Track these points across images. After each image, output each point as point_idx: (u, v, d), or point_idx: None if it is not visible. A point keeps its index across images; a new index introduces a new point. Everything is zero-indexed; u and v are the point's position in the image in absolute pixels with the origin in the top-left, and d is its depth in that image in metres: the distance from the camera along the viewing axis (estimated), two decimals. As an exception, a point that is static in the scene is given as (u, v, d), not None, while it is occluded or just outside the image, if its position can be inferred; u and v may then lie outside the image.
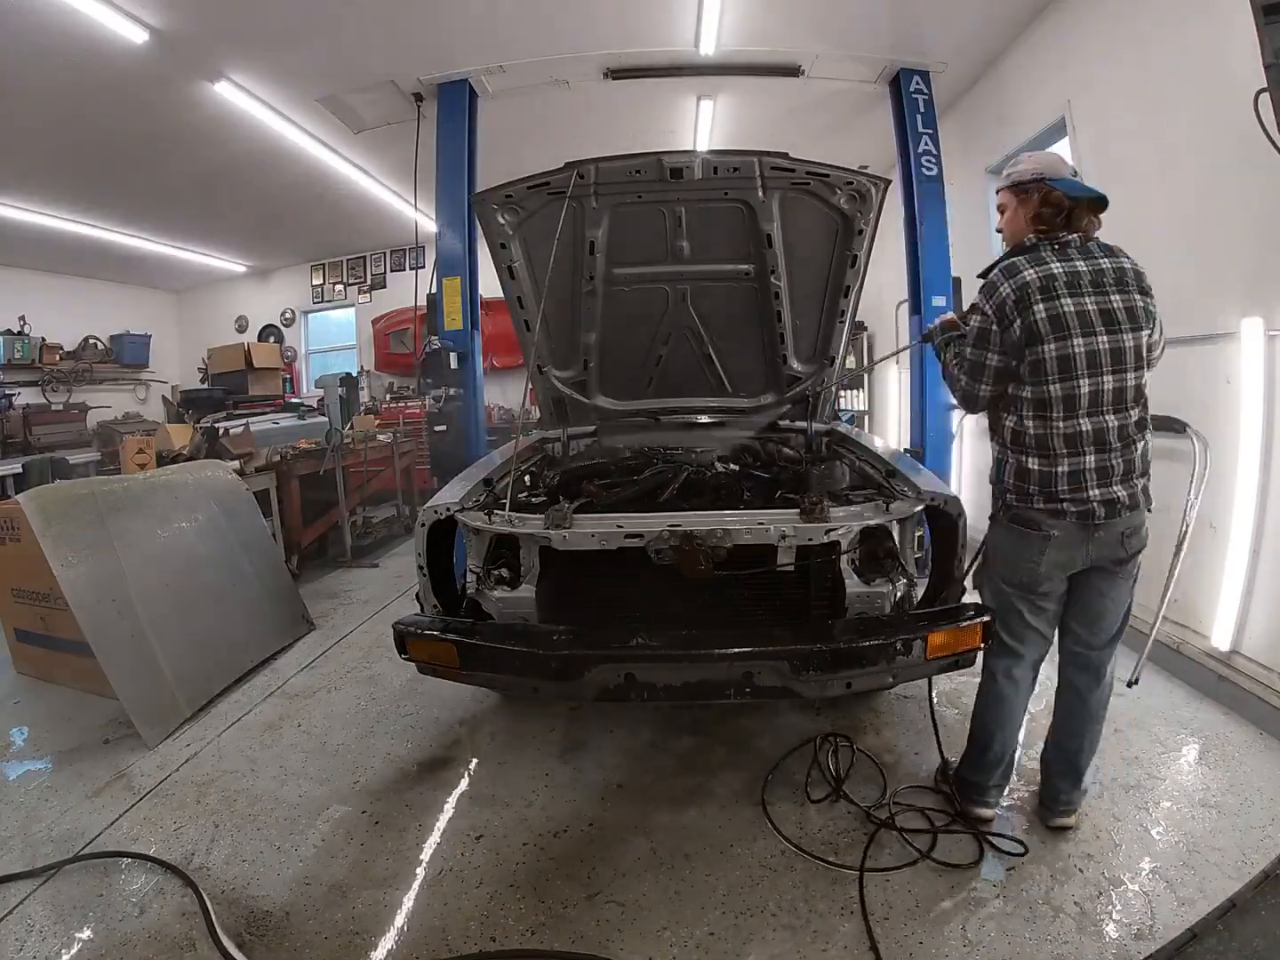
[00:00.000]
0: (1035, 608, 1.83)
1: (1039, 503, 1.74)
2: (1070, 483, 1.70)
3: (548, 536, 2.02)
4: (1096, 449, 1.69)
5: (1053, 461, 1.71)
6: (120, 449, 4.44)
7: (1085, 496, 1.69)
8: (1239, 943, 1.00)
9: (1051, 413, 1.70)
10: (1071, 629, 1.88)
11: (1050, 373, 1.67)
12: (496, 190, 2.62)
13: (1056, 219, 1.73)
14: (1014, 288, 1.68)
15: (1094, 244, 1.74)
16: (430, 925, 1.68)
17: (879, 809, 2.03)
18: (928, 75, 4.36)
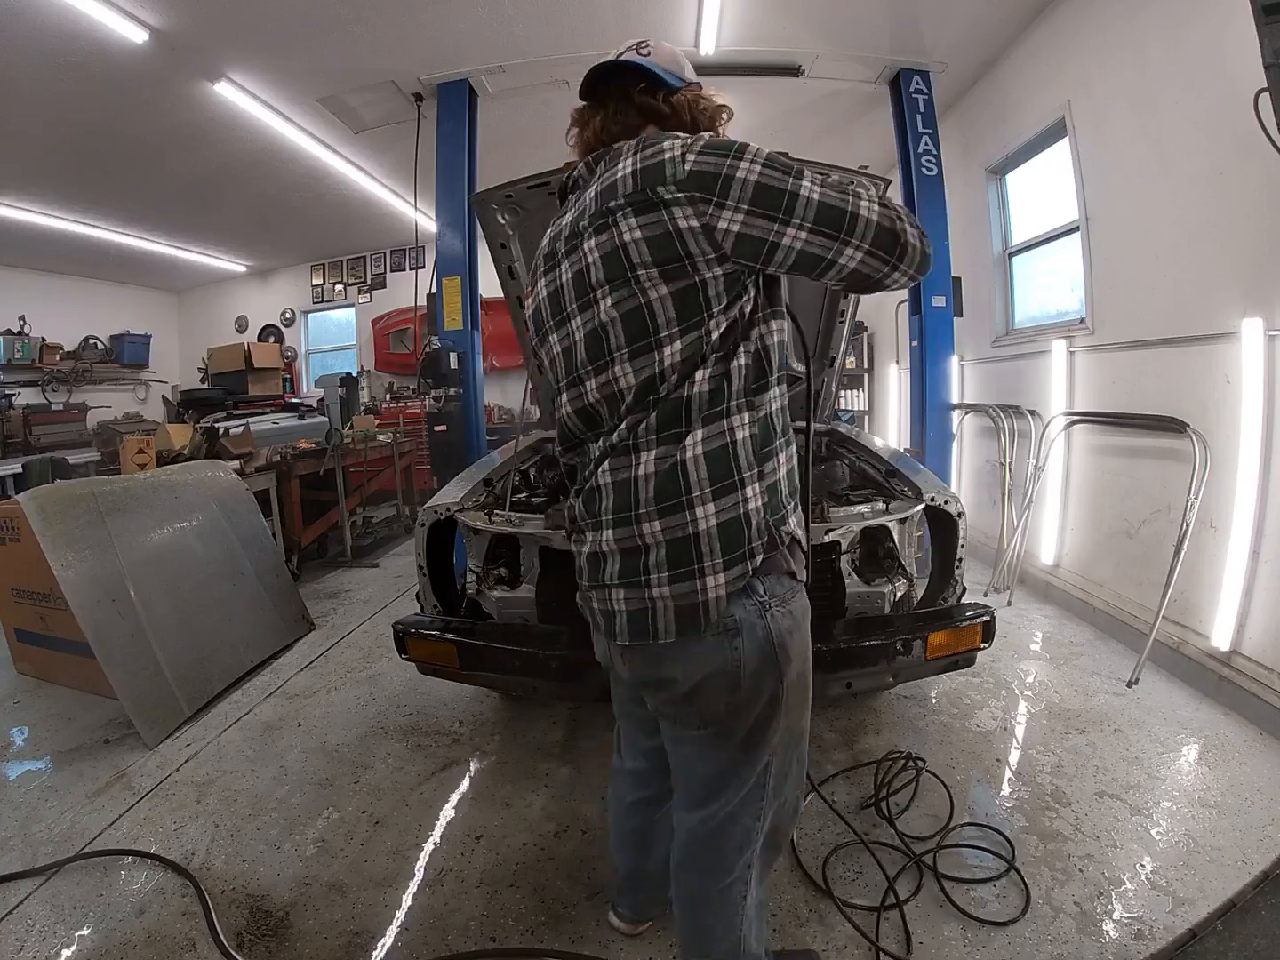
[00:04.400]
0: (618, 695, 1.36)
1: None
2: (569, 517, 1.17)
3: (548, 536, 2.02)
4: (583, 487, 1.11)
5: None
6: (120, 449, 4.44)
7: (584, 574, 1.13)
8: (1239, 943, 1.00)
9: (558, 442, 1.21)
10: None
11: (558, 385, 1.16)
12: (496, 190, 2.62)
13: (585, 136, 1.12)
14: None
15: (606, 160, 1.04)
16: (430, 925, 1.68)
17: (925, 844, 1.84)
18: (928, 75, 4.36)
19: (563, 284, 1.07)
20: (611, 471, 1.03)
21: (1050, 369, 3.69)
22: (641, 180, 0.95)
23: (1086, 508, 3.49)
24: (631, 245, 0.95)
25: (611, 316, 0.99)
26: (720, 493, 0.97)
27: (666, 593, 0.98)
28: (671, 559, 0.98)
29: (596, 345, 1.02)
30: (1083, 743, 2.32)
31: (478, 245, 4.14)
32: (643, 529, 0.99)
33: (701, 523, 0.97)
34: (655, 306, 0.96)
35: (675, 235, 0.93)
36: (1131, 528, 3.14)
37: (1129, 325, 3.14)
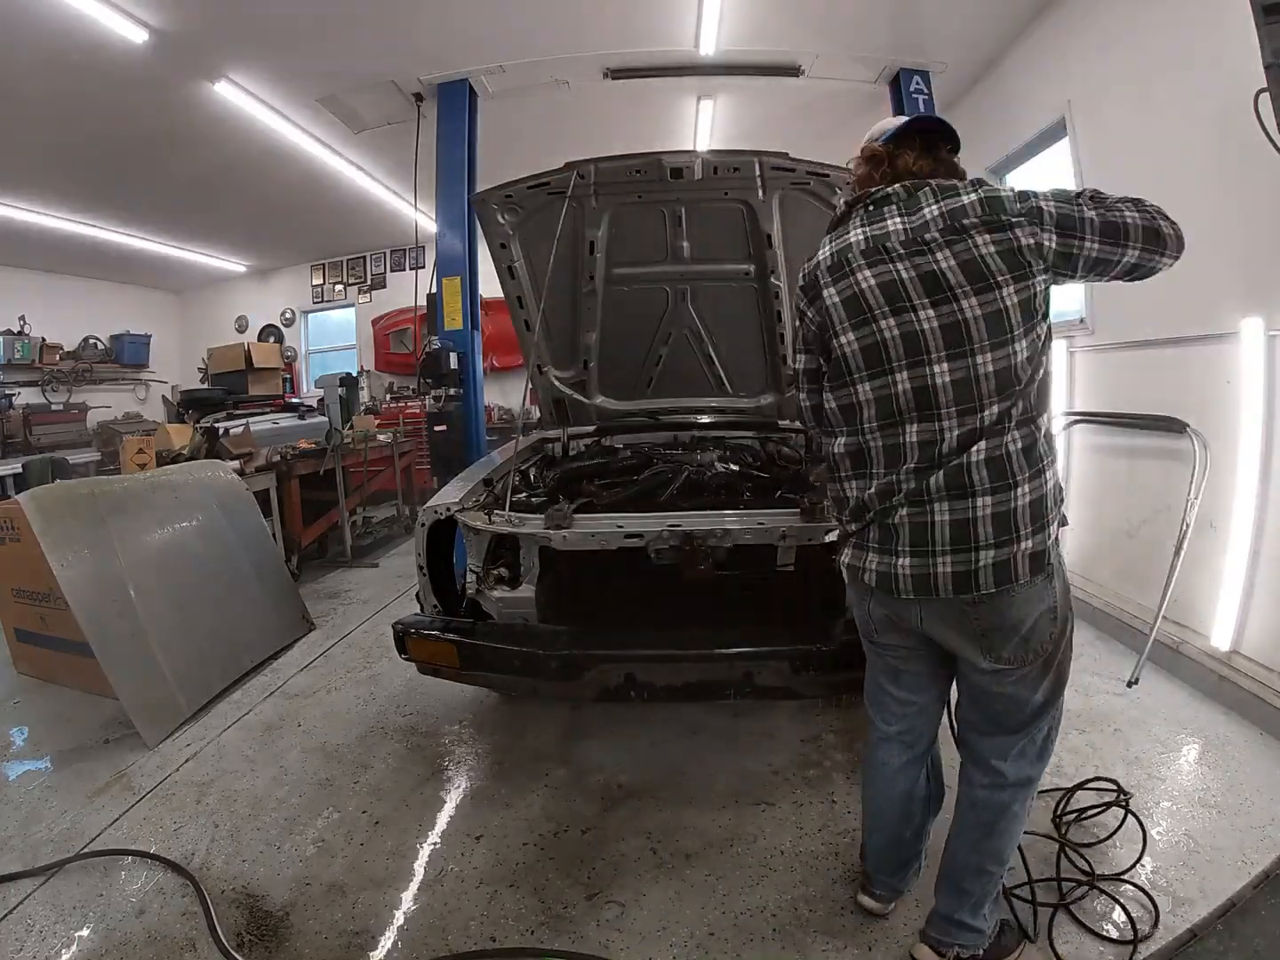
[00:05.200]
0: (891, 671, 1.48)
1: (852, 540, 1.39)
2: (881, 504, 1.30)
3: (548, 536, 2.02)
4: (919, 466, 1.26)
5: (868, 483, 1.34)
6: (120, 449, 4.44)
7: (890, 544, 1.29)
8: (1239, 943, 1.00)
9: (863, 422, 1.34)
10: (958, 707, 1.47)
11: (857, 369, 1.32)
12: (496, 190, 2.62)
13: (878, 173, 1.38)
14: (805, 272, 1.42)
15: (928, 189, 1.28)
16: (430, 925, 1.68)
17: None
18: (928, 75, 4.36)
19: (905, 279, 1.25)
20: (987, 449, 1.21)
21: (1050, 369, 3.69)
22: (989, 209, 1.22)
23: (1087, 508, 3.49)
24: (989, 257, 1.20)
25: (975, 314, 1.20)
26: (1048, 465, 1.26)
27: (1028, 545, 1.21)
28: (1032, 516, 1.22)
29: (955, 335, 1.22)
30: (1082, 743, 2.32)
31: (478, 245, 4.14)
32: (1015, 493, 1.21)
33: (1044, 487, 1.23)
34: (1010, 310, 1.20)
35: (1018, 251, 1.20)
36: (1131, 528, 3.14)
37: (1129, 325, 3.14)
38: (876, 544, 1.32)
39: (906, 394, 1.27)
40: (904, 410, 1.28)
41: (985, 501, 1.21)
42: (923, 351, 1.24)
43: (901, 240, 1.27)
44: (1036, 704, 1.33)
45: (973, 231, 1.21)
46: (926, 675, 1.47)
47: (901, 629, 1.39)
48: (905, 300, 1.26)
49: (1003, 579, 1.21)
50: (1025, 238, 1.20)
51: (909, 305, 1.25)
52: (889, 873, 1.61)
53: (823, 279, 1.37)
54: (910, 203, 1.30)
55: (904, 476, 1.27)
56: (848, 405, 1.36)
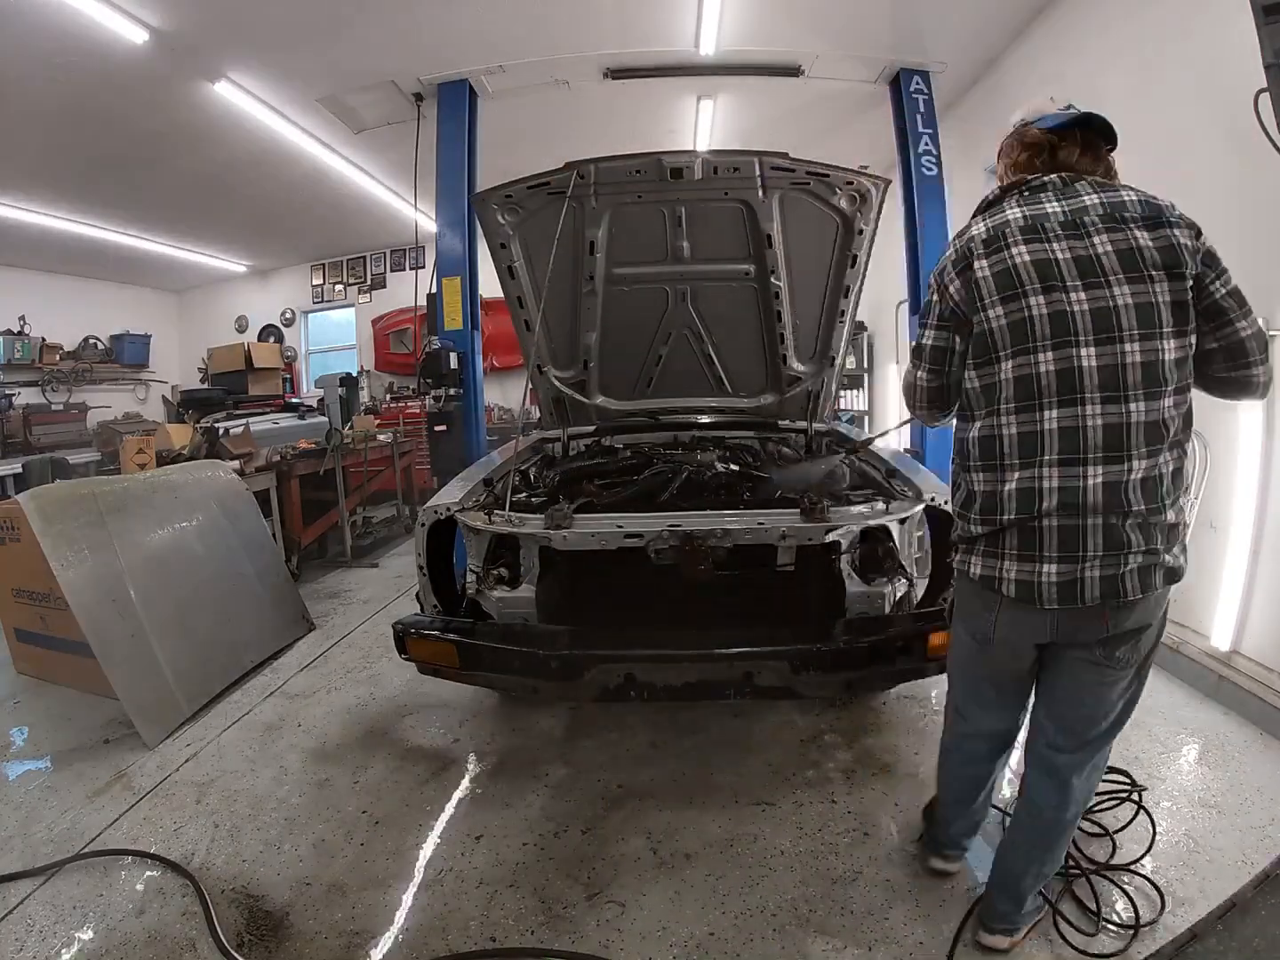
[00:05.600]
0: (992, 674, 1.48)
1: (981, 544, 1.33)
2: (1019, 506, 1.25)
3: (548, 536, 2.02)
4: (1062, 458, 1.21)
5: (1000, 478, 1.28)
6: (120, 449, 4.44)
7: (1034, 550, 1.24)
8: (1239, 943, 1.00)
9: (1002, 404, 1.27)
10: (1037, 718, 1.46)
11: (1001, 346, 1.26)
12: (496, 190, 2.62)
13: (1037, 161, 1.37)
14: (957, 247, 1.37)
15: (1086, 182, 1.30)
16: (430, 925, 1.68)
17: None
18: (928, 75, 4.37)
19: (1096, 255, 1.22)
20: (1149, 454, 1.19)
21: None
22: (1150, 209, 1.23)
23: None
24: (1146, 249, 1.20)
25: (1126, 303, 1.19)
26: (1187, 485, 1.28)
27: (1170, 558, 1.23)
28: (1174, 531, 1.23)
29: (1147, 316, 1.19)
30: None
31: (478, 245, 4.14)
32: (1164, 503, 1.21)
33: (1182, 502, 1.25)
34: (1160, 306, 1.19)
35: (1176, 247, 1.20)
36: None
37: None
38: (1015, 550, 1.27)
39: (1049, 374, 1.22)
40: (1044, 392, 1.23)
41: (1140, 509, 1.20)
42: (1070, 333, 1.21)
43: (1060, 221, 1.26)
44: (1118, 709, 1.37)
45: (1132, 225, 1.22)
46: (1025, 683, 1.46)
47: (1023, 639, 1.36)
48: (1056, 279, 1.23)
49: (1147, 585, 1.22)
50: (1183, 238, 1.20)
51: (1060, 284, 1.23)
52: (964, 834, 1.71)
53: (976, 251, 1.31)
54: (1067, 190, 1.30)
55: (1045, 470, 1.23)
56: (990, 385, 1.30)
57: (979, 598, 1.38)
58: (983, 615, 1.38)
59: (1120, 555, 1.20)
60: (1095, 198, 1.26)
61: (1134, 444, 1.19)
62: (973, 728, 1.58)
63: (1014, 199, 1.35)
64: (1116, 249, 1.21)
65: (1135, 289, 1.19)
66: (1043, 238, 1.26)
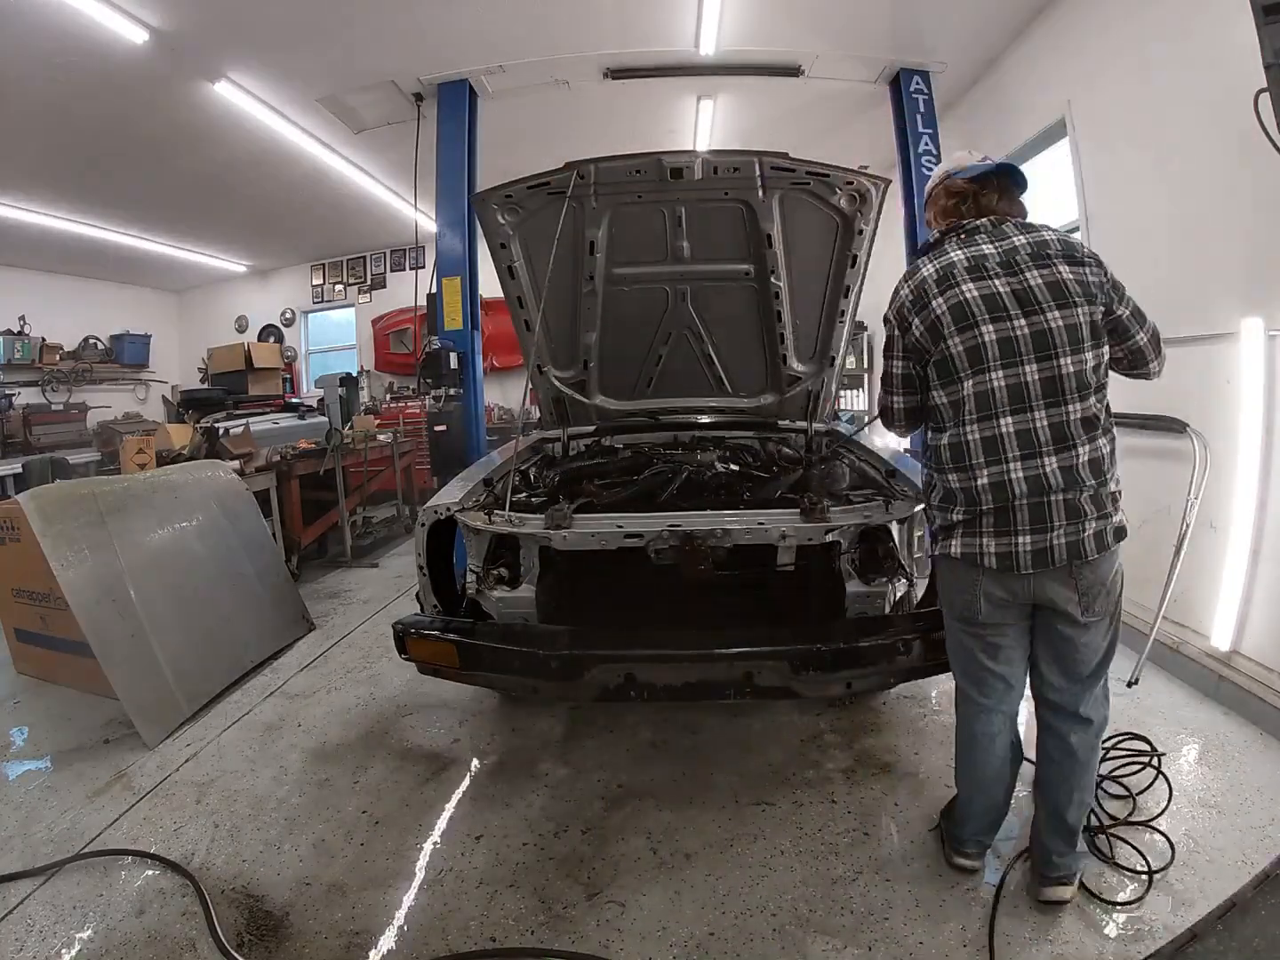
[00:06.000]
0: (993, 650, 1.62)
1: (960, 530, 1.54)
2: (995, 497, 1.47)
3: (548, 536, 2.02)
4: (1023, 454, 1.45)
5: (971, 475, 1.50)
6: (120, 449, 4.44)
7: (1009, 526, 1.47)
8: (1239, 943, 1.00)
9: (964, 416, 1.50)
10: (1039, 671, 1.64)
11: (961, 369, 1.50)
12: (496, 190, 2.62)
13: (963, 207, 1.62)
14: (911, 287, 1.58)
15: (1011, 225, 1.57)
16: (430, 925, 1.68)
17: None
18: (928, 75, 4.37)
19: (1030, 287, 1.47)
20: (1088, 441, 1.45)
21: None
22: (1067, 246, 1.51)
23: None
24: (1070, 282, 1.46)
25: (1057, 325, 1.45)
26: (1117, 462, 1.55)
27: (1117, 520, 1.49)
28: (1116, 497, 1.50)
29: (1074, 335, 1.45)
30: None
31: (478, 245, 4.14)
32: (1107, 476, 1.48)
33: (1117, 472, 1.52)
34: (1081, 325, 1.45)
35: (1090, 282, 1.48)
36: (1131, 528, 3.12)
37: (1129, 325, 3.13)
38: (992, 529, 1.49)
39: (1002, 389, 1.47)
40: (999, 403, 1.47)
41: (1093, 483, 1.45)
42: (1016, 354, 1.45)
43: (997, 262, 1.51)
44: (1104, 650, 1.57)
45: (1055, 261, 1.48)
46: (1019, 648, 1.63)
47: (1009, 605, 1.54)
48: (1002, 310, 1.47)
49: (1102, 546, 1.46)
50: (1093, 275, 1.48)
51: (1005, 315, 1.47)
52: (985, 831, 1.76)
53: (930, 291, 1.54)
54: (996, 233, 1.56)
55: (1011, 465, 1.46)
56: (955, 400, 1.53)
57: (964, 576, 1.57)
58: (969, 591, 1.56)
59: (1079, 523, 1.45)
60: (1022, 239, 1.52)
61: (1076, 435, 1.45)
62: (980, 705, 1.67)
63: (953, 241, 1.58)
64: (1045, 282, 1.47)
65: (1064, 314, 1.45)
66: (985, 275, 1.50)
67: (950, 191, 1.64)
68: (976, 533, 1.51)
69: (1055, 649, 1.58)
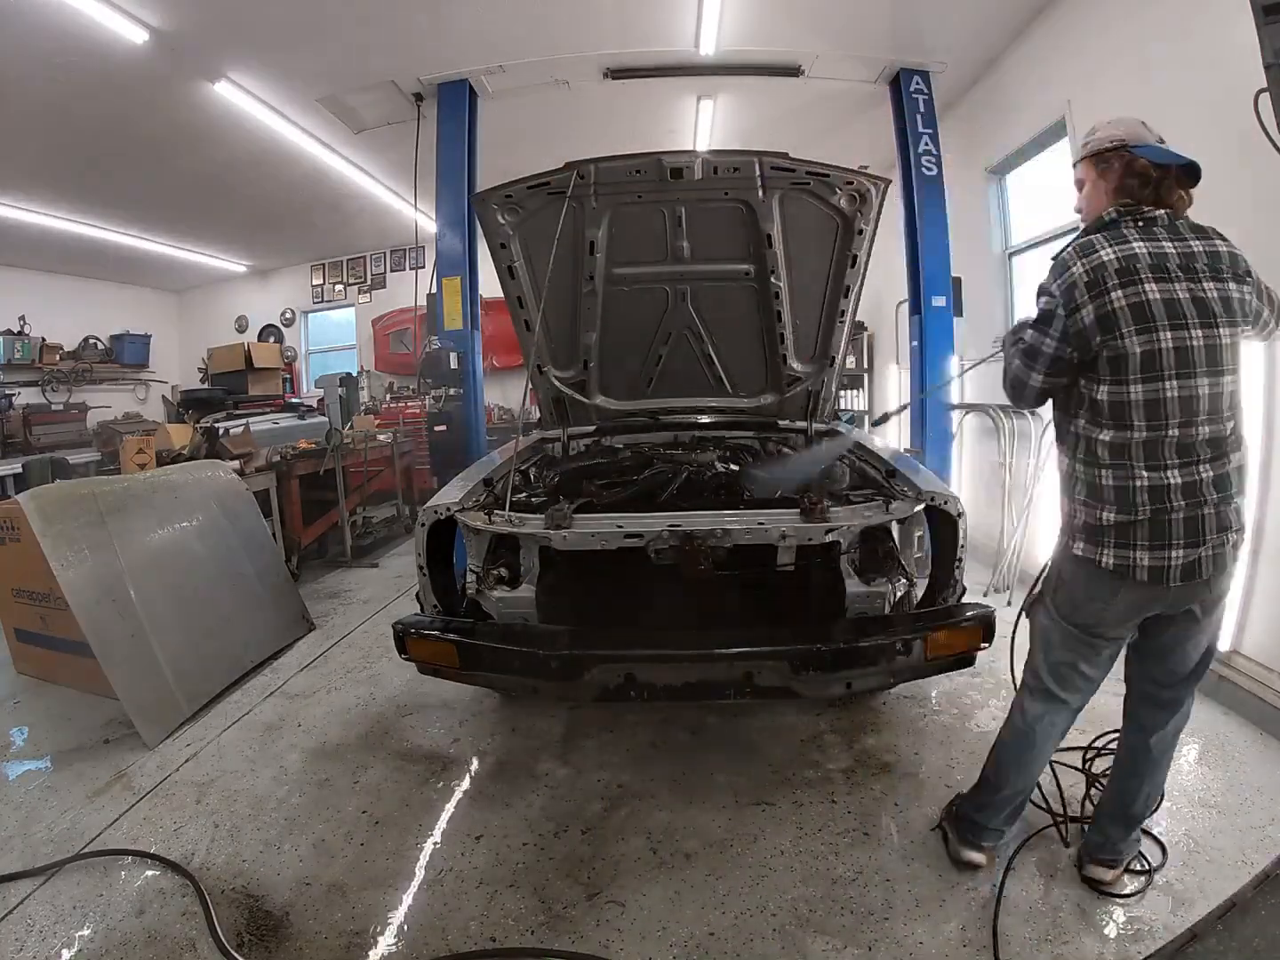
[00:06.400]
0: (1095, 653, 1.61)
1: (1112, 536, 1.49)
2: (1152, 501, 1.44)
3: (548, 536, 2.02)
4: (1181, 462, 1.44)
5: (1131, 475, 1.45)
6: (120, 449, 4.44)
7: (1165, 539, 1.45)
8: (1239, 943, 1.00)
9: (1132, 419, 1.45)
10: (1141, 664, 1.66)
11: (1133, 371, 1.43)
12: (496, 190, 2.62)
13: (1143, 191, 1.50)
14: (1087, 268, 1.46)
15: (1183, 223, 1.50)
16: (430, 925, 1.68)
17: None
18: (928, 75, 4.36)
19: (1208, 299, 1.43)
20: (1234, 450, 1.48)
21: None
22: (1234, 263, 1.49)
23: (1086, 508, 3.49)
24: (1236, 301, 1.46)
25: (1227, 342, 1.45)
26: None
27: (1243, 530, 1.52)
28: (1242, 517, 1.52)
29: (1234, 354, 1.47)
30: (1083, 741, 2.31)
31: (478, 245, 4.13)
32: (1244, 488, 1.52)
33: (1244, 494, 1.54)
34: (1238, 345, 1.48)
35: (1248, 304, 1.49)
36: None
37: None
38: (1147, 541, 1.47)
39: (1173, 400, 1.43)
40: (1169, 415, 1.44)
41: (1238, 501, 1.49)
42: (1191, 365, 1.42)
43: (1177, 264, 1.45)
44: (1206, 651, 1.61)
45: (1227, 277, 1.46)
46: (1114, 656, 1.65)
47: (1135, 617, 1.55)
48: (1182, 318, 1.42)
49: (1236, 557, 1.52)
50: (1250, 295, 1.48)
51: (1184, 323, 1.42)
52: (1010, 819, 1.78)
53: (1109, 280, 1.44)
54: (1173, 230, 1.49)
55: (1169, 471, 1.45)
56: (1118, 401, 1.47)
57: (1104, 585, 1.53)
58: (1102, 601, 1.54)
59: (1225, 534, 1.46)
60: (1199, 245, 1.47)
61: (1230, 447, 1.47)
62: (1060, 701, 1.67)
63: (1131, 227, 1.50)
64: (1220, 296, 1.43)
65: (1229, 331, 1.44)
66: (1168, 278, 1.43)
67: (1132, 169, 1.51)
68: (1130, 545, 1.47)
69: (1168, 647, 1.60)
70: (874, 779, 2.19)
